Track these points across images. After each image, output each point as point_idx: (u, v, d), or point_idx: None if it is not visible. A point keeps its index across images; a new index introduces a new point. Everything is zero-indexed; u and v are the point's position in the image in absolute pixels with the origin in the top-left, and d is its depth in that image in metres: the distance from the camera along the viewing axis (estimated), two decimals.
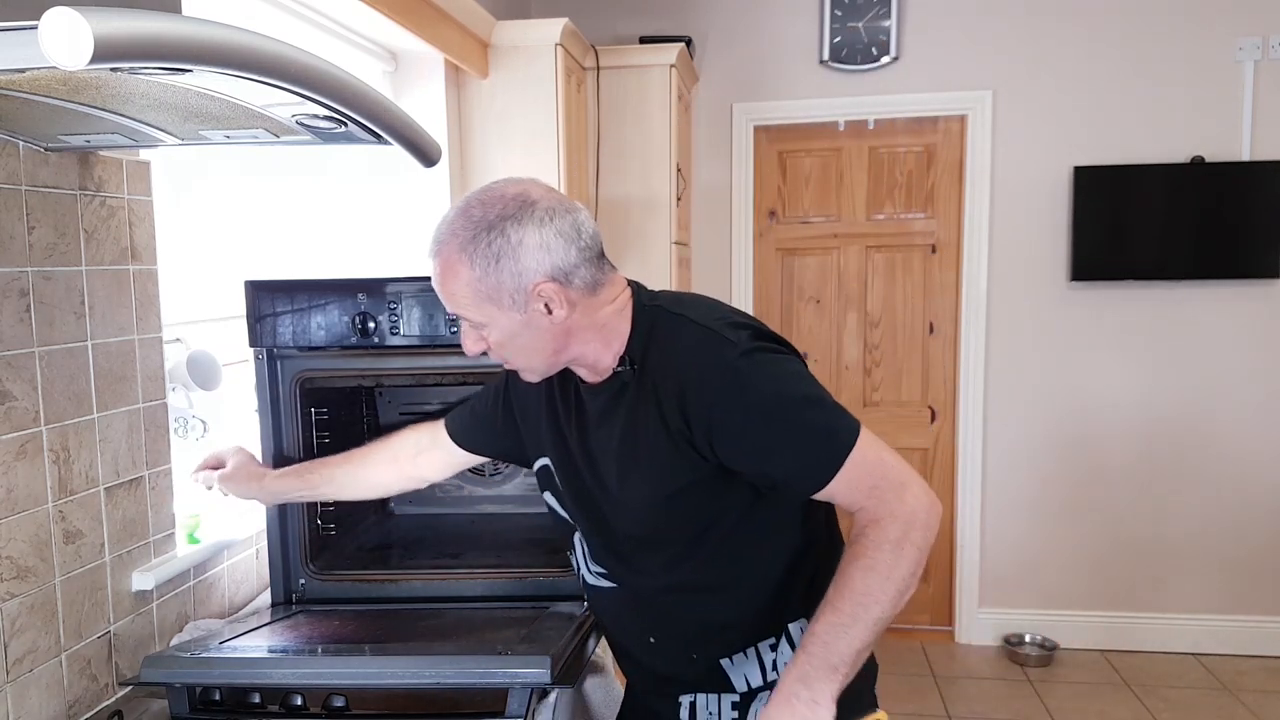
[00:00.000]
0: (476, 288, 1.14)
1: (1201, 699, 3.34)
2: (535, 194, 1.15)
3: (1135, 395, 3.64)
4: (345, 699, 1.25)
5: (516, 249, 1.12)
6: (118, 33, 0.69)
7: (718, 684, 1.30)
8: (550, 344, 1.19)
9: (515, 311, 1.15)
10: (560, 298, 1.14)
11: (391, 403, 1.99)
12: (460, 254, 1.13)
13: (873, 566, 1.08)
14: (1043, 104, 3.54)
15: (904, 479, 1.12)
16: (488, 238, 1.12)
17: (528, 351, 1.20)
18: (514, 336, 1.17)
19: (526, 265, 1.12)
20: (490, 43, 2.69)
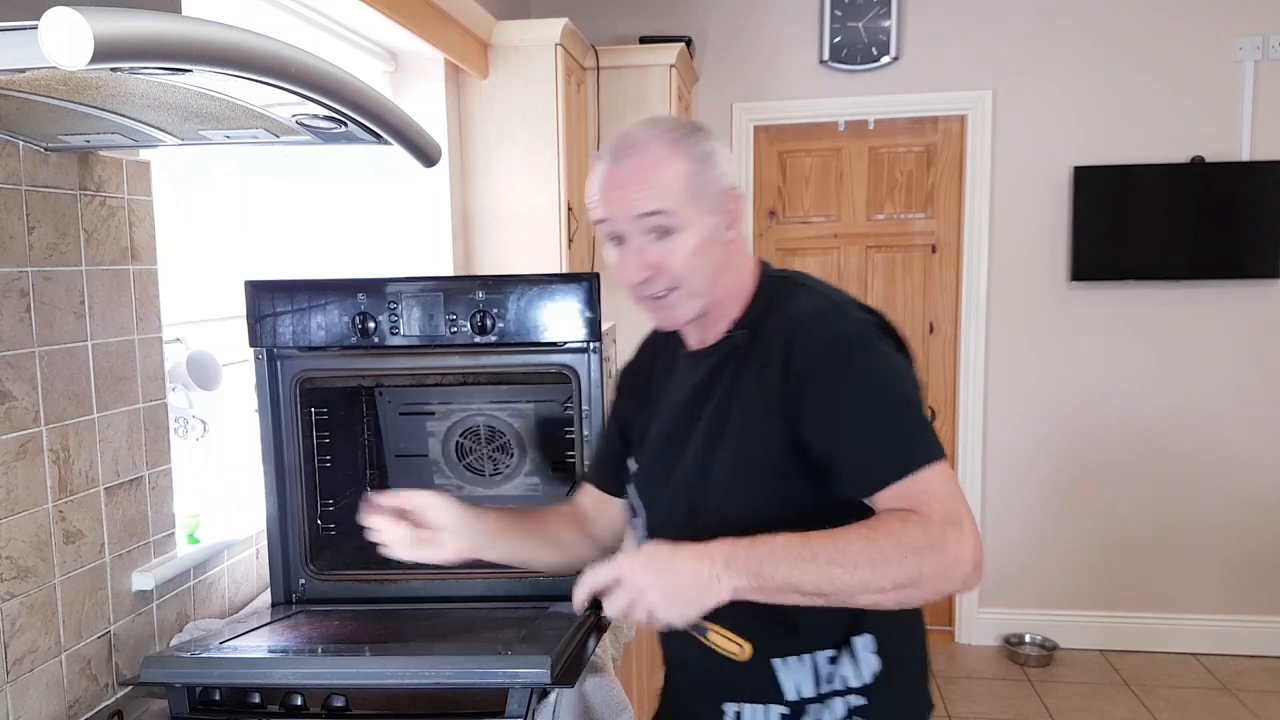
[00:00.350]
0: (690, 182, 1.13)
1: (1201, 699, 3.34)
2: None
3: (1135, 395, 3.64)
4: (345, 699, 1.25)
5: (715, 154, 1.16)
6: (118, 33, 0.69)
7: (767, 691, 1.22)
8: (718, 265, 1.17)
9: (712, 216, 1.15)
10: (739, 211, 1.18)
11: (391, 403, 1.99)
12: (674, 148, 1.13)
13: (874, 544, 1.01)
14: (1043, 104, 3.54)
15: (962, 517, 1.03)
16: (695, 138, 1.15)
17: (702, 271, 1.16)
18: (704, 246, 1.15)
19: (723, 171, 1.16)
20: (490, 43, 2.69)
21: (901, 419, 1.09)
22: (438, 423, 1.99)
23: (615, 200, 1.14)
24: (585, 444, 1.57)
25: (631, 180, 1.13)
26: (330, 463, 1.75)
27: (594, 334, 1.53)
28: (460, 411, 1.98)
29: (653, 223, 1.13)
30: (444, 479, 2.02)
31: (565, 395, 1.80)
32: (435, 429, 1.99)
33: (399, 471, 2.02)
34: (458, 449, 1.99)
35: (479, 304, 1.54)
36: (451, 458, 2.00)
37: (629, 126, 1.18)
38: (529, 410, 1.96)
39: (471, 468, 2.00)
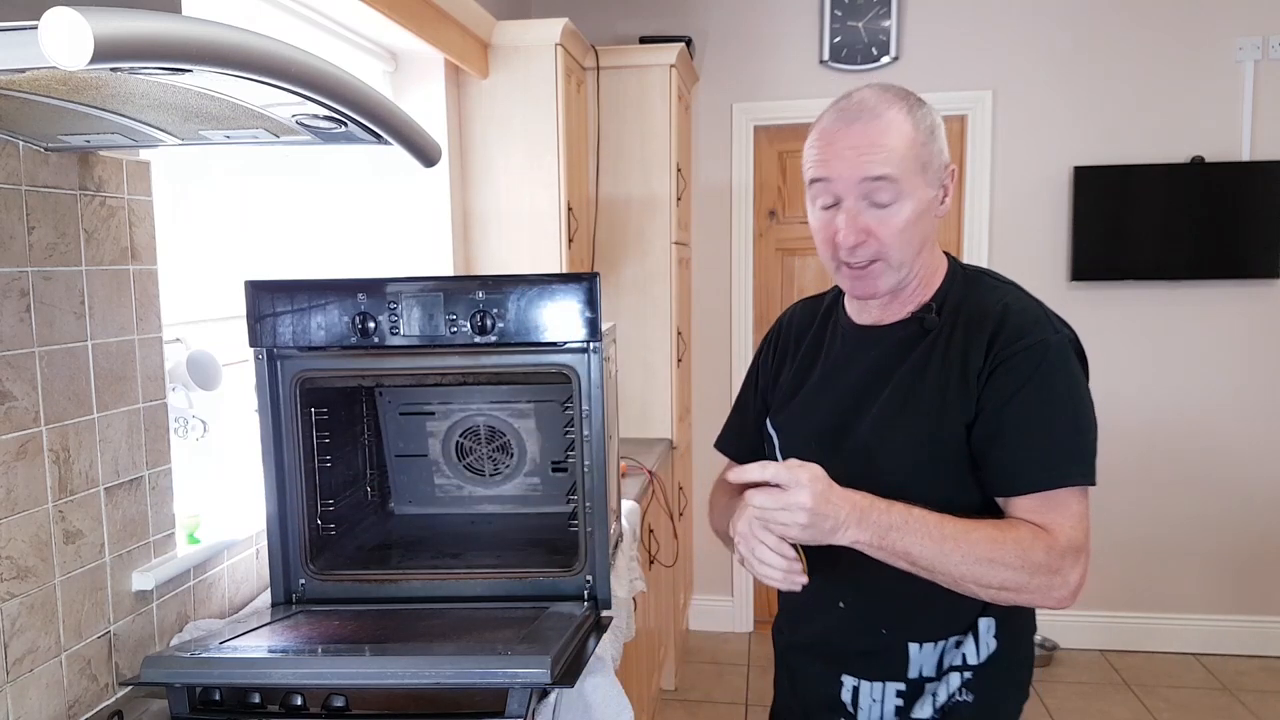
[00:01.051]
0: (918, 150, 1.14)
1: (1201, 699, 3.34)
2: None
3: (1135, 395, 3.64)
4: (345, 699, 1.25)
5: (940, 129, 1.18)
6: (118, 33, 0.69)
7: (894, 670, 1.25)
8: (922, 239, 1.19)
9: (931, 188, 1.17)
10: (951, 189, 1.20)
11: (392, 403, 1.99)
12: (908, 115, 1.15)
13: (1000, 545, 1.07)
14: (1043, 104, 3.55)
15: (1083, 548, 1.09)
16: (923, 110, 1.17)
17: (910, 244, 1.18)
18: (919, 218, 1.16)
19: (944, 145, 1.19)
20: (490, 43, 2.69)
21: (1071, 436, 1.12)
22: (438, 423, 1.99)
23: (844, 160, 1.14)
24: (585, 444, 1.57)
25: (864, 143, 1.13)
26: (330, 463, 1.75)
27: (594, 334, 1.53)
28: (460, 411, 1.98)
29: (878, 188, 1.13)
30: (444, 479, 2.02)
31: (565, 395, 1.80)
32: (435, 429, 1.99)
33: (399, 471, 2.02)
34: (458, 449, 2.00)
35: (479, 304, 1.53)
36: (451, 458, 2.00)
37: (857, 91, 1.19)
38: (529, 410, 1.96)
39: (471, 468, 2.00)
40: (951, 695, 1.23)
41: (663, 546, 3.04)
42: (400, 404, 2.00)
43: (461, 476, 2.01)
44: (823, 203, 1.19)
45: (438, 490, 2.02)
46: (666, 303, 3.23)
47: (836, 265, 1.21)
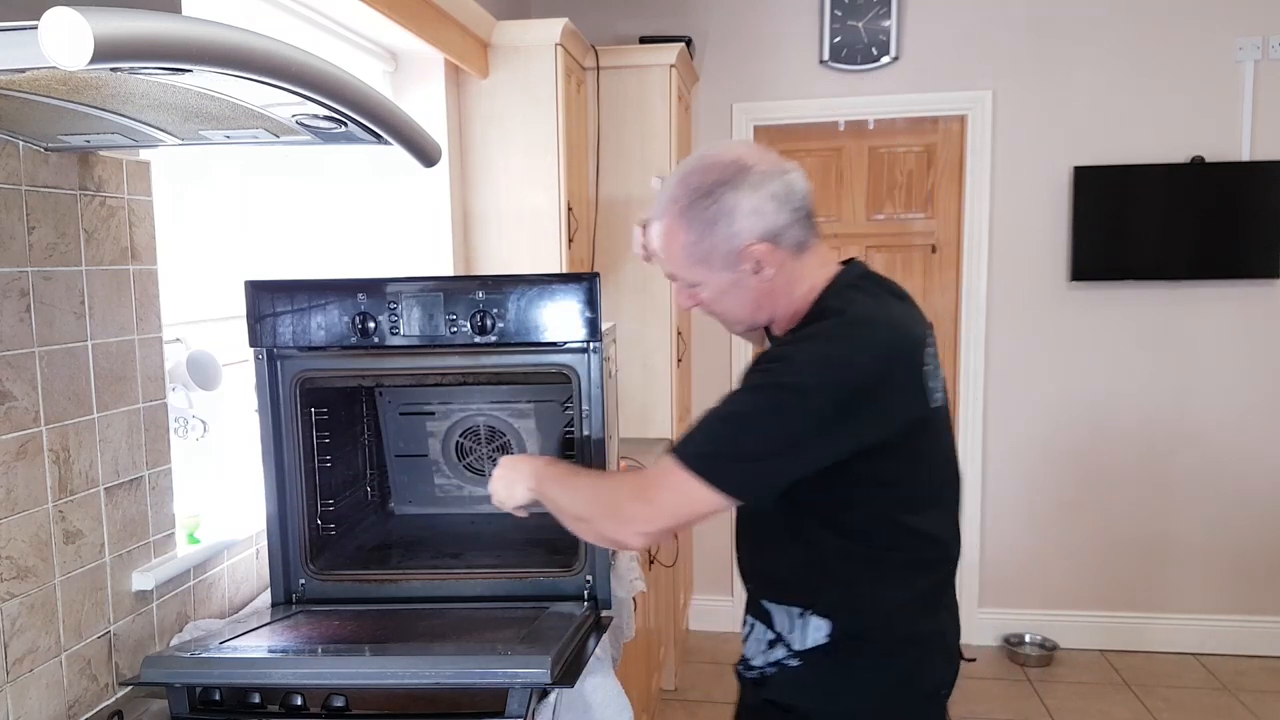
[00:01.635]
0: (691, 251, 1.26)
1: (1201, 699, 3.34)
2: (750, 159, 1.24)
3: (1135, 395, 3.64)
4: (345, 699, 1.25)
5: (731, 214, 1.22)
6: (118, 33, 0.69)
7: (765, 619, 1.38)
8: (753, 301, 1.29)
9: (725, 271, 1.26)
10: (770, 258, 1.24)
11: (391, 403, 1.99)
12: (679, 220, 1.25)
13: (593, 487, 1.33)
14: (1043, 104, 3.54)
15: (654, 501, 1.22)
16: (704, 203, 1.23)
17: (735, 308, 1.32)
18: (722, 294, 1.29)
19: (740, 228, 1.23)
20: (490, 43, 2.69)
21: (715, 422, 1.21)
22: (438, 423, 1.99)
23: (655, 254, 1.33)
24: (585, 444, 1.57)
25: (657, 246, 1.31)
26: (330, 463, 1.75)
27: (594, 334, 1.53)
28: (460, 411, 1.98)
29: (677, 280, 1.32)
30: (444, 479, 2.02)
31: (565, 395, 1.80)
32: (435, 429, 1.99)
33: (399, 471, 2.02)
34: (458, 449, 2.00)
35: (479, 304, 1.54)
36: (451, 458, 2.00)
37: (671, 177, 1.29)
38: (529, 410, 1.96)
39: (471, 468, 2.00)
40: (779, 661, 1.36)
41: (663, 546, 3.04)
42: (400, 404, 2.00)
43: (462, 476, 2.01)
44: None
45: (438, 490, 2.02)
46: (666, 302, 3.23)
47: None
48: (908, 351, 1.23)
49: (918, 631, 1.32)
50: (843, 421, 1.17)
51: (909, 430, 1.23)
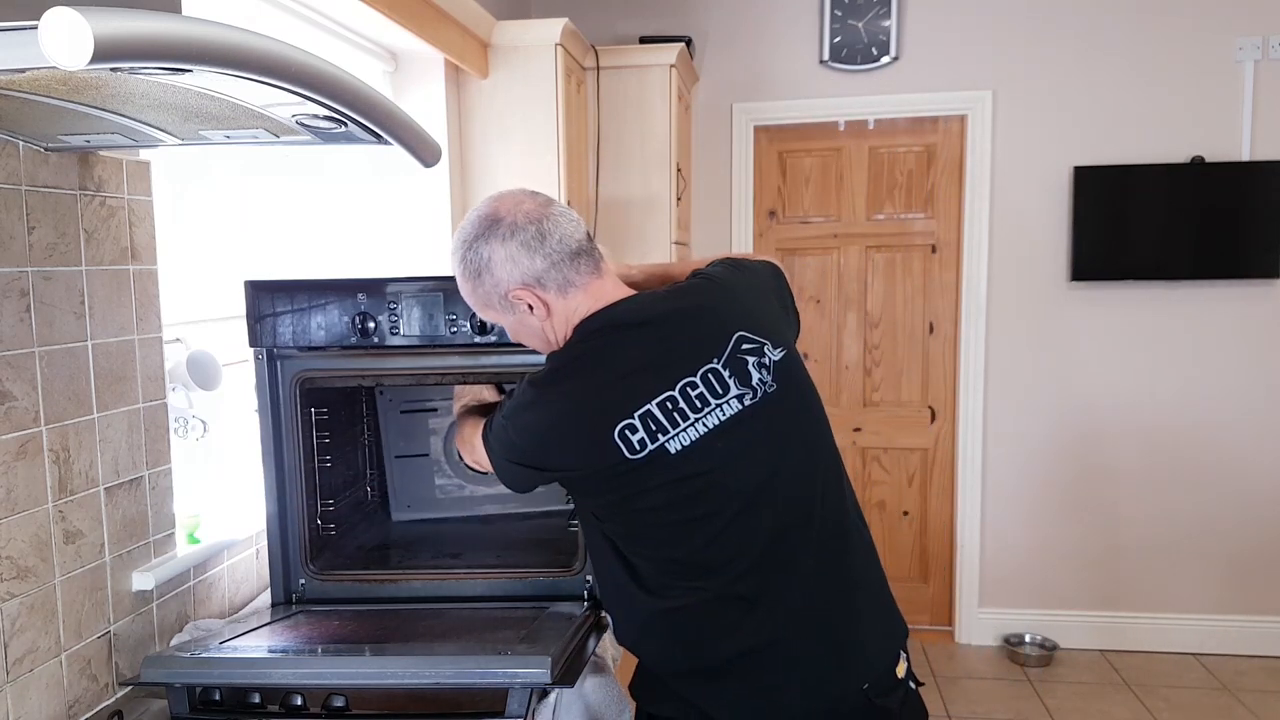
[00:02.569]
0: (473, 297, 1.35)
1: (1201, 699, 3.34)
2: (503, 210, 1.30)
3: (1135, 395, 3.64)
4: (345, 699, 1.25)
5: (489, 264, 1.29)
6: (118, 33, 0.69)
7: None
8: (542, 335, 1.36)
9: (506, 313, 1.34)
10: (536, 300, 1.30)
11: (392, 402, 1.99)
12: (459, 269, 1.33)
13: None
14: (1043, 104, 3.54)
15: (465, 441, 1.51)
16: (470, 257, 1.31)
17: (531, 340, 1.39)
18: (516, 331, 1.38)
19: (500, 277, 1.29)
20: (490, 43, 2.69)
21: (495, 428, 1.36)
22: (439, 421, 1.99)
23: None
24: None
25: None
26: (330, 463, 1.75)
27: None
28: None
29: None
30: (445, 478, 2.02)
31: None
32: (436, 427, 1.99)
33: (399, 471, 2.02)
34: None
35: None
36: (453, 457, 2.00)
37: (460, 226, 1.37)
38: None
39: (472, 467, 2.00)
40: None
41: None
42: (400, 403, 1.99)
43: (462, 475, 2.01)
44: None
45: (438, 490, 2.02)
46: None
47: None
48: (586, 416, 1.28)
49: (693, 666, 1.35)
50: (522, 463, 1.34)
51: (598, 477, 1.30)
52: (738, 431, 1.28)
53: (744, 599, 1.30)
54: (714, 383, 1.27)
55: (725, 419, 1.27)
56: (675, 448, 1.26)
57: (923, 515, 3.90)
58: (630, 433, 1.25)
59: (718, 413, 1.27)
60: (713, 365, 1.28)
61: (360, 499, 1.93)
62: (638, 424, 1.25)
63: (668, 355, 1.29)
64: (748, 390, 1.28)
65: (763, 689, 1.31)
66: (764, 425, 1.30)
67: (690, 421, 1.26)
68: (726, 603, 1.30)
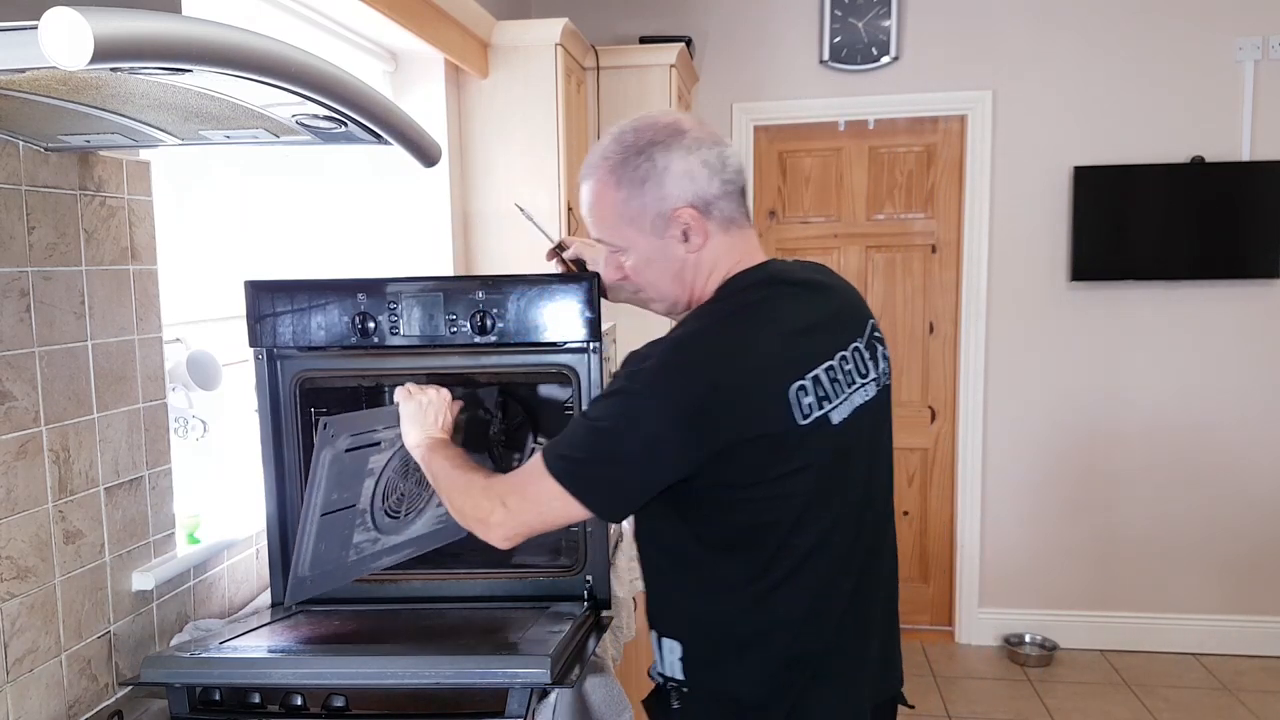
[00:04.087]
0: (621, 210, 1.22)
1: (1201, 699, 3.34)
2: (687, 124, 1.22)
3: (1135, 395, 3.64)
4: (345, 699, 1.25)
5: (662, 174, 1.19)
6: (118, 33, 0.69)
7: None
8: (675, 274, 1.24)
9: (654, 236, 1.22)
10: (699, 226, 1.20)
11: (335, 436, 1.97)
12: (609, 176, 1.22)
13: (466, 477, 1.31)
14: (1043, 104, 3.55)
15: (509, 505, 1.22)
16: (635, 161, 1.20)
17: (659, 280, 1.26)
18: (650, 262, 1.25)
19: (670, 190, 1.19)
20: (490, 43, 2.69)
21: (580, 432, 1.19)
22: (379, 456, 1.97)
23: (582, 220, 1.31)
24: None
25: (583, 208, 1.29)
26: None
27: (594, 334, 1.53)
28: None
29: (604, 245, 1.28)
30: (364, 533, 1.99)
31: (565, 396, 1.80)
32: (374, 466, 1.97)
33: (324, 532, 1.99)
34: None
35: (479, 304, 1.53)
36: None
37: (604, 136, 1.26)
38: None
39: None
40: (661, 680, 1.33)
41: None
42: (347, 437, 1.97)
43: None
44: None
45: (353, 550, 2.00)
46: None
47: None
48: (764, 369, 1.16)
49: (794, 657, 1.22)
50: (684, 434, 1.13)
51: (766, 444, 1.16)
52: (868, 417, 1.25)
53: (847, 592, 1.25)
54: (858, 362, 1.24)
55: (865, 401, 1.24)
56: (836, 418, 1.19)
57: (923, 515, 3.90)
58: (803, 394, 1.16)
59: (861, 393, 1.23)
60: (856, 344, 1.25)
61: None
62: (809, 386, 1.16)
63: (829, 322, 1.24)
64: (877, 378, 1.28)
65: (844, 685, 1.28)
66: (881, 414, 1.30)
67: (846, 395, 1.21)
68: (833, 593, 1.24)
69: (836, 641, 1.25)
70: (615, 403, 1.17)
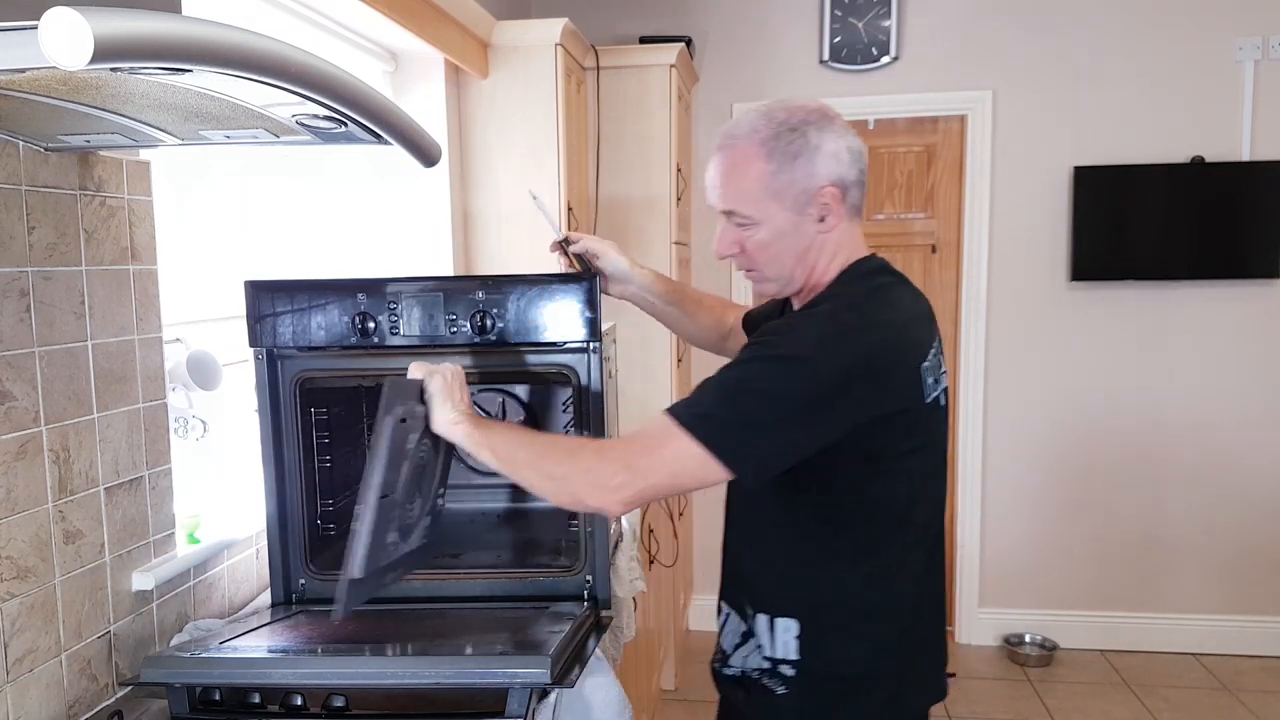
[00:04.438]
0: (767, 183, 1.22)
1: (1201, 699, 3.34)
2: (831, 112, 1.26)
3: (1135, 395, 3.64)
4: (345, 699, 1.25)
5: (814, 152, 1.22)
6: (118, 33, 0.69)
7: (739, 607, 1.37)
8: (799, 254, 1.26)
9: (792, 212, 1.24)
10: (836, 208, 1.24)
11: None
12: (760, 148, 1.22)
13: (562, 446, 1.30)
14: (1043, 104, 3.55)
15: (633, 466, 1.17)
16: (790, 136, 1.21)
17: (783, 256, 1.27)
18: (781, 237, 1.25)
19: (818, 169, 1.22)
20: (490, 43, 2.69)
21: (716, 388, 1.17)
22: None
23: (710, 190, 1.29)
24: None
25: (719, 177, 1.26)
26: (330, 463, 1.75)
27: (594, 334, 1.53)
28: None
29: (733, 217, 1.27)
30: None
31: (565, 395, 1.80)
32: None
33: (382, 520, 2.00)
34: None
35: (479, 304, 1.54)
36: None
37: (736, 119, 1.27)
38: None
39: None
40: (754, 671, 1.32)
41: (663, 546, 3.04)
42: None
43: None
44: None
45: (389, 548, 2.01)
46: None
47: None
48: (905, 345, 1.23)
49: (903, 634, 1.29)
50: (836, 400, 1.15)
51: (901, 420, 1.22)
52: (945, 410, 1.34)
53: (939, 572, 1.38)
54: (941, 356, 1.32)
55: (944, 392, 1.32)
56: (942, 401, 1.30)
57: None
58: (927, 374, 1.24)
59: (944, 385, 1.32)
60: (939, 339, 1.32)
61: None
62: (930, 365, 1.26)
63: (929, 314, 1.33)
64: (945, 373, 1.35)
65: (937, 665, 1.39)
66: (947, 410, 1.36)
67: (942, 385, 1.30)
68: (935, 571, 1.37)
69: (934, 620, 1.35)
70: (768, 366, 1.17)
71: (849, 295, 1.25)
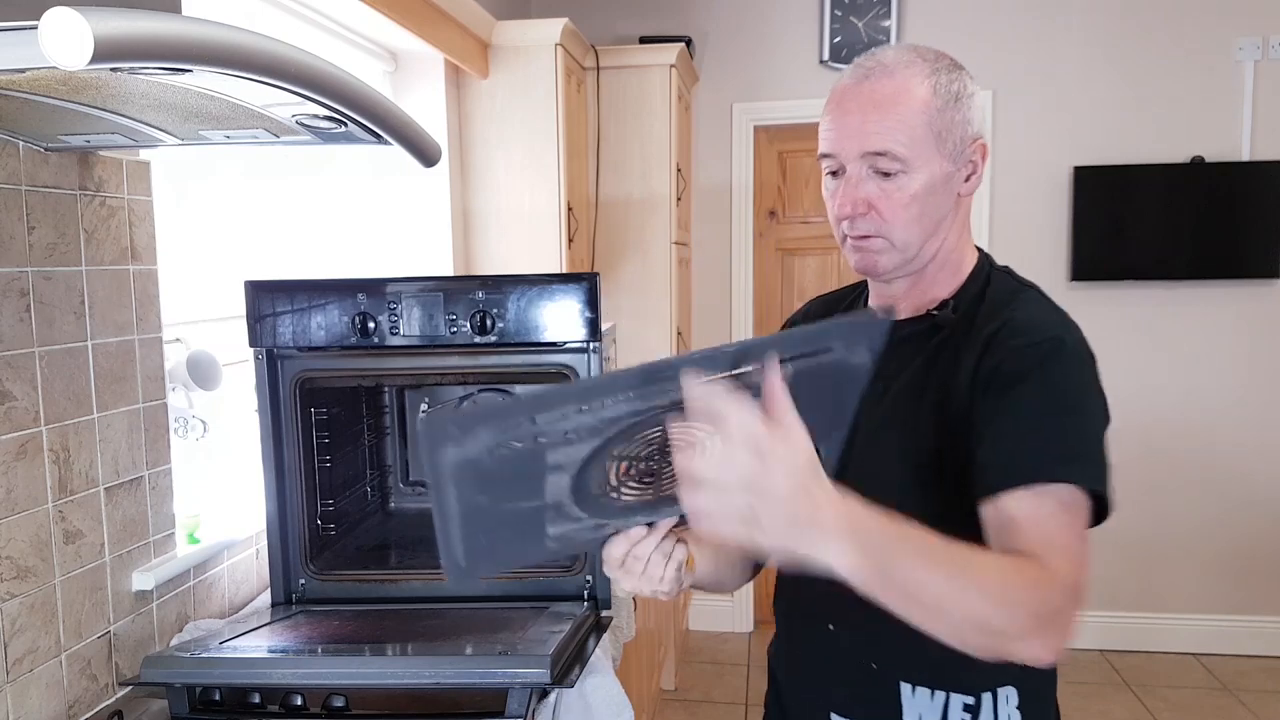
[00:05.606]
0: (931, 119, 1.01)
1: (1201, 699, 3.34)
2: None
3: (1135, 395, 3.64)
4: (345, 699, 1.25)
5: (970, 98, 1.04)
6: (118, 33, 0.69)
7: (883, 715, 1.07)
8: (939, 218, 1.05)
9: (948, 161, 1.03)
10: (982, 166, 1.07)
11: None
12: (925, 80, 1.02)
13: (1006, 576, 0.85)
14: (1043, 104, 3.55)
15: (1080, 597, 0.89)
16: (952, 74, 1.04)
17: (923, 219, 1.04)
18: (931, 192, 1.03)
19: (973, 116, 1.04)
20: (490, 43, 2.69)
21: (1070, 428, 0.96)
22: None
23: (847, 129, 1.06)
24: None
25: (869, 107, 1.03)
26: (330, 462, 1.75)
27: (594, 334, 1.53)
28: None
29: (879, 162, 1.03)
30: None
31: None
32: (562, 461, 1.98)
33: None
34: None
35: (479, 304, 1.54)
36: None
37: (881, 48, 1.08)
38: None
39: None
40: None
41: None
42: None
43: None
44: (828, 167, 1.10)
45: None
46: (666, 303, 3.23)
47: (842, 238, 1.11)
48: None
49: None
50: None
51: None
52: None
53: None
54: None
55: None
56: None
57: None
58: None
59: None
60: None
61: (360, 499, 1.93)
62: None
63: None
64: None
65: None
66: None
67: None
68: None
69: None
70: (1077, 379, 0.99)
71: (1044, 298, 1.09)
